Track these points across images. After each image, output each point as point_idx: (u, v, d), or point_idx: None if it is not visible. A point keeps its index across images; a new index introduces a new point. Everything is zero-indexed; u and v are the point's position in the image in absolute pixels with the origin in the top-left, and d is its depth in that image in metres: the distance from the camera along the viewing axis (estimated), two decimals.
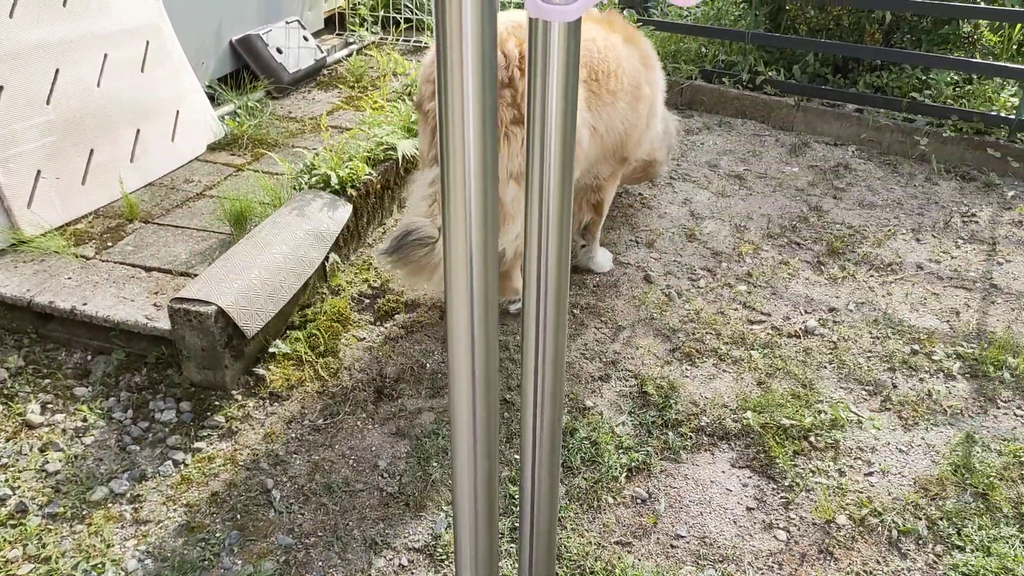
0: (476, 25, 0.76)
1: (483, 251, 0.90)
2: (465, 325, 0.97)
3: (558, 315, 1.09)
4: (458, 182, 0.85)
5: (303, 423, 3.04)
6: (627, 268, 4.05)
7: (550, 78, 0.92)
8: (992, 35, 5.93)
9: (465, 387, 1.02)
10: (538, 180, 0.98)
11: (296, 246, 3.41)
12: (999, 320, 3.72)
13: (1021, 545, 2.60)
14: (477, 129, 0.82)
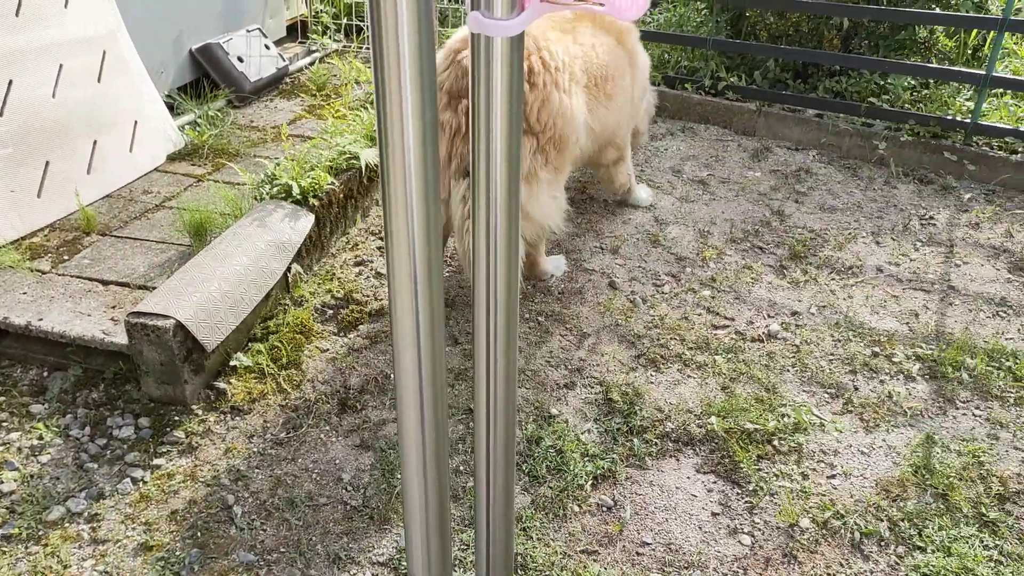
0: (413, 34, 0.75)
1: (427, 264, 0.89)
2: (411, 341, 0.95)
3: (508, 330, 1.08)
4: (399, 197, 0.84)
5: (265, 437, 3.00)
6: (592, 275, 4.05)
7: (494, 95, 0.91)
8: (948, 40, 6.04)
9: (413, 402, 1.01)
10: (484, 197, 0.97)
11: (257, 257, 3.37)
12: (957, 321, 3.78)
13: (981, 545, 2.63)
14: (417, 143, 0.81)
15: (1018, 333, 3.70)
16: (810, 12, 5.69)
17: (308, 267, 3.82)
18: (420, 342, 0.94)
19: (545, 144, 3.43)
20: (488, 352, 1.08)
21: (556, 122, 3.40)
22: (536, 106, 3.33)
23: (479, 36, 0.88)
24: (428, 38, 0.75)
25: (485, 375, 1.10)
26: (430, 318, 0.94)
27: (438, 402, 1.01)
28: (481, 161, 0.96)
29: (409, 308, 0.91)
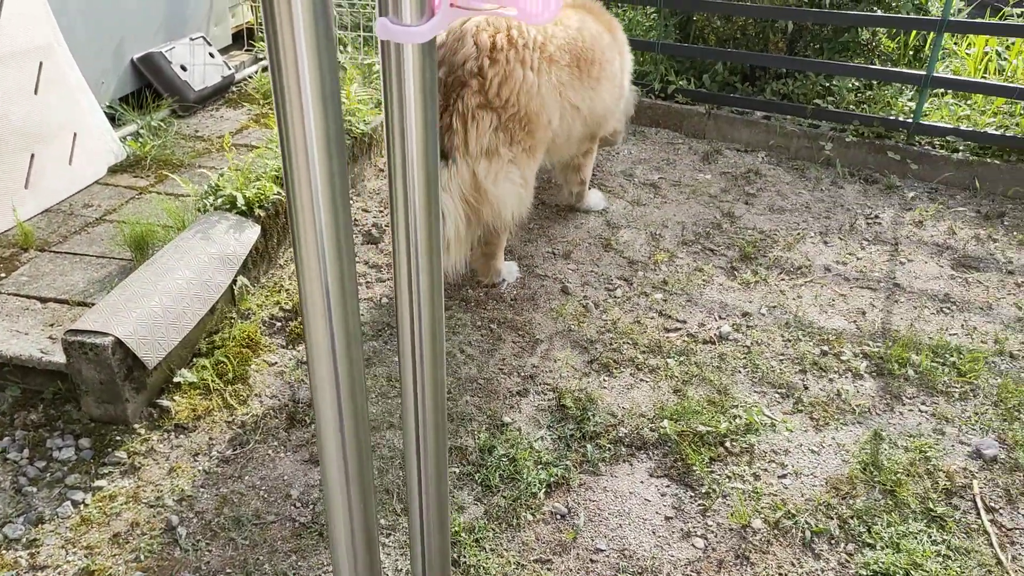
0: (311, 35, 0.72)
1: (339, 274, 0.85)
2: (327, 361, 0.92)
3: (434, 341, 1.05)
4: (306, 212, 0.81)
5: (211, 455, 2.93)
6: (544, 280, 4.04)
7: (407, 104, 0.88)
8: (890, 42, 6.15)
9: (332, 421, 0.98)
10: (403, 208, 0.94)
11: (200, 270, 3.30)
12: (902, 318, 3.83)
13: (929, 540, 2.67)
14: (322, 153, 0.78)
15: (962, 329, 3.77)
16: (755, 16, 5.75)
17: (255, 279, 3.75)
18: (336, 359, 0.91)
19: (508, 121, 3.45)
20: (414, 367, 1.05)
21: (520, 99, 3.42)
22: (496, 81, 3.38)
23: (389, 44, 0.86)
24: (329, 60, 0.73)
25: (412, 390, 1.07)
26: (345, 331, 0.91)
27: (358, 416, 0.98)
28: (397, 170, 0.93)
29: (323, 324, 0.88)
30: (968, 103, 5.67)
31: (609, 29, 4.08)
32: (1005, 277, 4.22)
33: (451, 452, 2.97)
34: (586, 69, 3.76)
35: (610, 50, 3.99)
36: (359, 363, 0.97)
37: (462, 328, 3.65)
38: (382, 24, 0.85)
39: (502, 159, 3.49)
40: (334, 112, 0.77)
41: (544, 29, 3.55)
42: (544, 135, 3.61)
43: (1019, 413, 3.24)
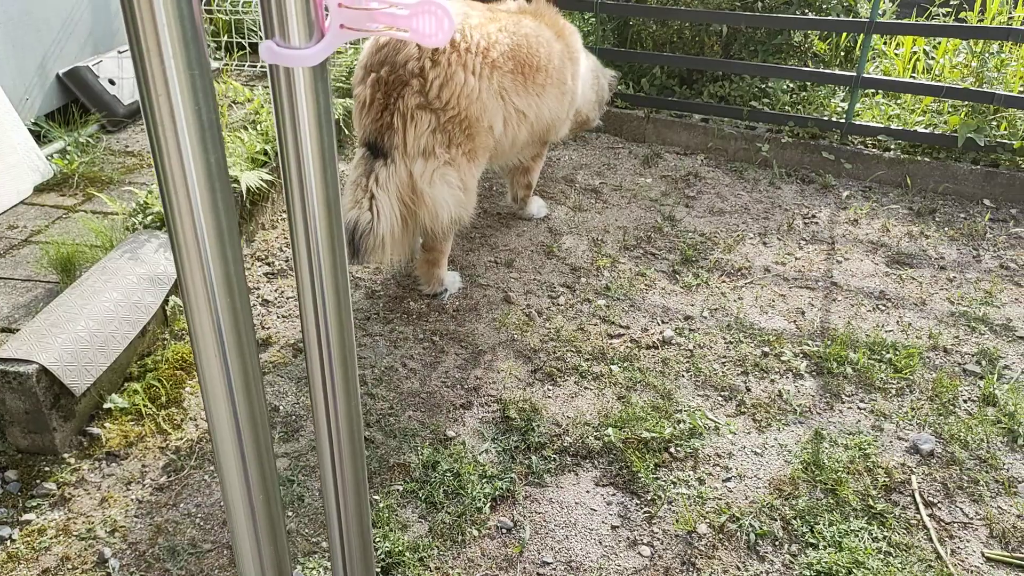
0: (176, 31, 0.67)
1: (227, 283, 0.81)
2: (223, 390, 0.87)
3: (345, 365, 1.01)
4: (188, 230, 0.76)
5: (144, 483, 2.84)
6: (487, 290, 4.01)
7: (301, 130, 0.84)
8: (822, 44, 6.27)
9: (231, 449, 0.93)
10: (303, 230, 0.90)
11: (129, 292, 3.20)
12: (840, 317, 3.89)
13: (870, 537, 2.70)
14: (201, 171, 0.74)
15: (897, 325, 3.84)
16: (690, 20, 5.80)
17: None
18: (234, 399, 0.86)
19: (447, 123, 3.44)
20: (325, 393, 1.01)
21: (460, 101, 3.42)
22: (437, 83, 3.37)
23: (278, 68, 0.82)
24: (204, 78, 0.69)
25: (325, 418, 1.02)
26: (243, 369, 0.87)
27: (262, 455, 0.94)
28: (296, 196, 0.89)
29: (212, 341, 0.84)
30: (898, 102, 5.80)
31: (560, 35, 4.08)
32: (937, 273, 4.32)
33: (394, 469, 2.92)
34: (531, 76, 3.75)
35: (560, 57, 3.98)
36: (260, 401, 0.93)
37: (404, 341, 3.60)
38: (267, 48, 0.81)
39: (439, 160, 3.47)
40: (214, 143, 0.73)
41: (488, 35, 3.53)
42: (485, 140, 3.59)
43: (954, 407, 3.31)
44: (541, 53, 3.80)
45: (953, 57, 5.86)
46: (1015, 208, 5.06)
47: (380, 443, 3.03)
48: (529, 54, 3.72)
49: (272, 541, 0.97)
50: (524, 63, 3.69)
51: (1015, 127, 5.35)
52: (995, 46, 5.63)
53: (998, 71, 5.48)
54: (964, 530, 2.77)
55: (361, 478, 1.10)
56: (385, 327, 3.68)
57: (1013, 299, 4.10)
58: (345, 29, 0.81)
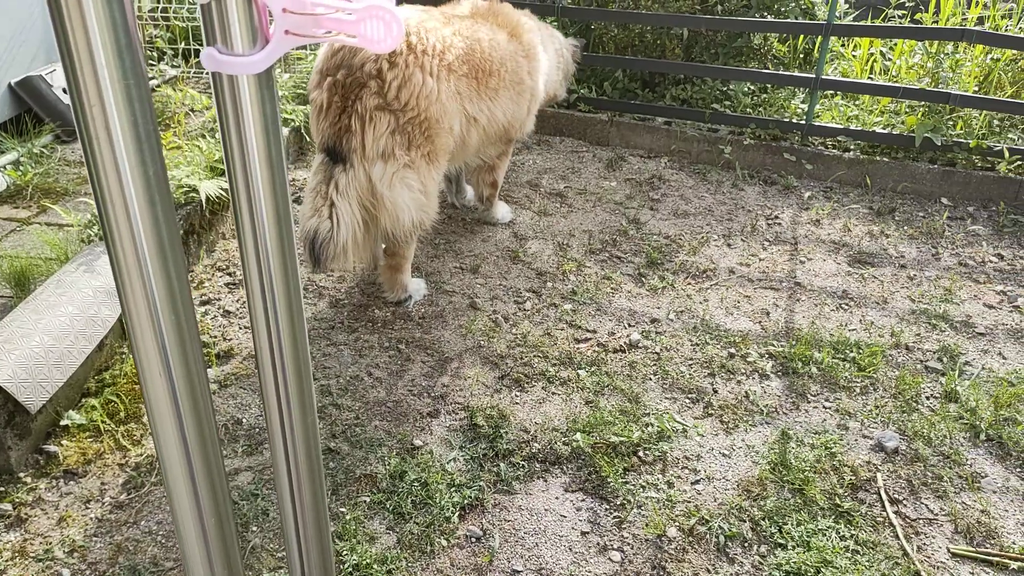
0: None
1: (169, 299, 0.77)
2: (169, 414, 0.84)
3: (300, 381, 0.98)
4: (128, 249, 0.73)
5: (103, 501, 2.77)
6: (452, 296, 3.98)
7: (247, 139, 0.81)
8: (781, 46, 6.33)
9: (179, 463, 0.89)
10: (252, 241, 0.87)
11: (85, 305, 3.12)
12: (804, 317, 3.92)
13: (837, 536, 2.71)
14: (143, 204, 0.71)
15: (860, 324, 3.88)
16: (650, 23, 5.83)
17: None
18: (182, 418, 0.83)
19: (406, 124, 3.42)
20: (280, 410, 0.98)
21: (419, 102, 3.41)
22: (396, 84, 3.36)
23: (221, 76, 0.79)
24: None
25: (281, 434, 0.99)
26: (189, 387, 0.83)
27: (214, 478, 0.91)
28: (244, 208, 0.86)
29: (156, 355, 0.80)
30: (856, 103, 5.88)
31: (515, 35, 4.06)
32: (898, 271, 4.37)
33: (360, 480, 2.88)
34: (484, 80, 3.74)
35: (513, 58, 3.96)
36: (210, 421, 0.90)
37: (369, 350, 3.55)
38: (209, 55, 0.78)
39: (398, 162, 3.45)
40: (152, 156, 0.70)
41: (443, 38, 3.52)
42: (445, 142, 3.58)
43: (917, 404, 3.34)
44: (494, 57, 3.80)
45: (909, 58, 5.95)
46: (972, 206, 5.14)
47: (346, 454, 2.99)
48: (483, 59, 3.72)
49: (226, 566, 0.94)
50: (478, 67, 3.69)
51: (971, 126, 5.45)
52: (950, 47, 5.73)
53: (953, 71, 5.58)
54: (930, 526, 2.79)
55: (320, 495, 1.07)
56: (350, 336, 3.64)
57: (972, 296, 4.17)
58: (290, 35, 0.79)
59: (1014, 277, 4.37)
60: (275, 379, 0.95)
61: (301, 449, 0.99)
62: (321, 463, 1.04)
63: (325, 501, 1.09)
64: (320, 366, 3.44)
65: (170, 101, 5.24)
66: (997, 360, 3.67)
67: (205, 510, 0.90)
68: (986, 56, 5.80)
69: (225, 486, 0.94)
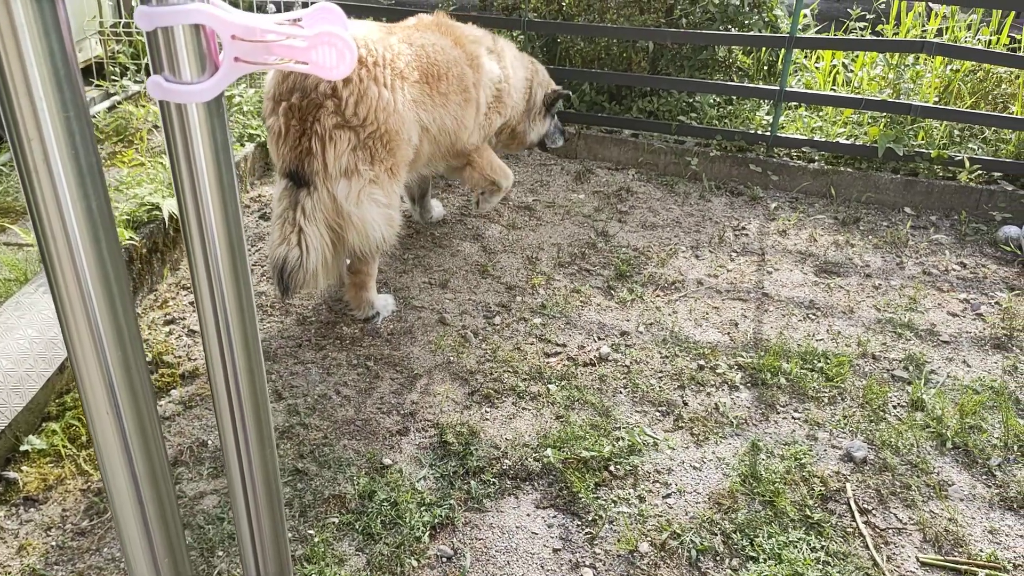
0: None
1: (112, 318, 0.74)
2: (115, 439, 0.81)
3: (255, 399, 0.95)
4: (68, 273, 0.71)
5: (65, 528, 2.70)
6: (421, 312, 3.95)
7: (197, 167, 0.79)
8: (746, 58, 6.40)
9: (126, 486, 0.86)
10: (203, 262, 0.85)
11: (45, 327, 3.05)
12: (772, 327, 3.94)
13: (808, 547, 2.72)
14: (86, 236, 0.68)
15: (827, 334, 3.91)
16: (616, 37, 5.87)
17: None
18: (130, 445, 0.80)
19: (367, 139, 3.40)
20: (235, 430, 0.95)
21: (378, 116, 3.38)
22: (352, 100, 3.33)
23: (169, 104, 0.77)
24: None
25: (236, 454, 0.97)
26: (127, 379, 0.80)
27: (154, 461, 0.88)
28: (195, 236, 0.84)
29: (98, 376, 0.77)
30: (820, 115, 5.95)
31: (458, 43, 4.03)
32: (864, 280, 4.42)
33: (329, 501, 2.84)
34: (435, 85, 3.73)
35: (457, 64, 3.91)
36: (160, 456, 0.87)
37: (337, 368, 3.52)
38: (155, 83, 0.76)
39: (363, 179, 3.44)
40: (95, 188, 0.68)
41: (391, 47, 3.52)
42: (405, 153, 3.57)
43: (884, 413, 3.37)
44: (440, 61, 3.78)
45: (871, 70, 6.04)
46: (934, 215, 5.22)
47: (314, 474, 2.95)
48: (431, 63, 3.71)
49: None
50: (427, 72, 3.68)
51: (932, 137, 5.54)
52: (910, 58, 5.83)
53: (914, 83, 5.67)
54: (899, 536, 2.81)
55: (278, 519, 1.04)
56: (317, 354, 3.60)
57: (936, 304, 4.22)
58: (240, 62, 0.77)
59: (976, 285, 4.44)
60: (230, 401, 0.92)
61: (258, 471, 0.96)
62: (279, 486, 1.02)
63: (284, 525, 1.06)
64: (287, 385, 3.39)
65: (132, 117, 5.17)
66: (961, 368, 3.72)
67: (158, 546, 0.87)
68: (946, 67, 5.91)
69: (178, 521, 0.91)
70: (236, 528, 1.04)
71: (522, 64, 4.57)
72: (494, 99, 4.28)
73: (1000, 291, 4.38)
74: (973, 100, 5.88)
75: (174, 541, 0.89)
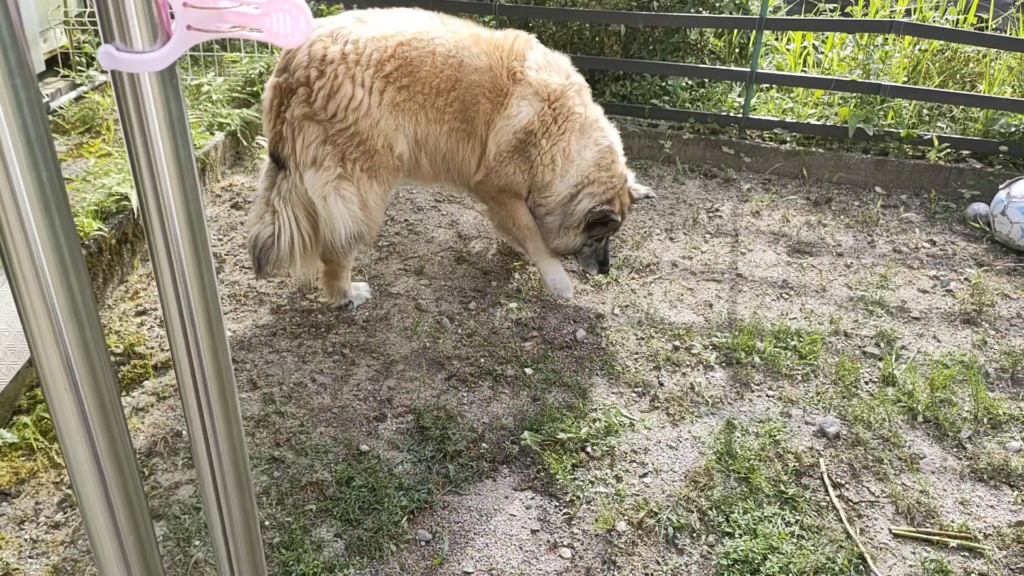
0: None
1: (72, 319, 0.73)
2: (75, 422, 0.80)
3: (223, 395, 0.95)
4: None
5: (38, 521, 2.67)
6: (397, 299, 3.94)
7: (153, 141, 0.78)
8: (718, 41, 6.41)
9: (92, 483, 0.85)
10: (165, 252, 0.84)
11: (13, 319, 3.01)
12: (746, 307, 3.97)
13: (783, 522, 2.75)
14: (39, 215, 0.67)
15: (800, 312, 3.95)
16: (588, 21, 5.86)
17: None
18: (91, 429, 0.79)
19: (335, 136, 3.34)
20: (204, 426, 0.95)
21: (347, 115, 3.32)
22: (323, 94, 3.29)
23: (121, 75, 0.76)
24: None
25: (205, 450, 0.96)
26: (99, 401, 0.79)
27: (121, 459, 0.87)
28: (153, 213, 0.83)
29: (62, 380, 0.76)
30: (791, 96, 5.98)
31: (495, 69, 3.56)
32: (835, 259, 4.46)
33: (306, 488, 2.83)
34: (432, 98, 3.47)
35: (471, 89, 3.53)
36: (124, 439, 0.86)
37: (313, 356, 3.50)
38: (106, 53, 0.74)
39: (330, 173, 3.38)
40: (46, 160, 0.66)
41: (384, 48, 3.35)
42: (385, 159, 3.47)
43: (856, 389, 3.41)
44: (444, 75, 3.46)
45: (841, 51, 6.08)
46: (904, 194, 5.27)
47: (291, 462, 2.93)
48: (431, 73, 3.43)
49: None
50: (425, 83, 3.43)
51: (901, 116, 5.59)
52: (880, 39, 5.87)
53: (883, 63, 5.71)
54: (872, 509, 2.85)
55: (249, 507, 1.03)
56: (293, 342, 3.58)
57: (906, 281, 4.27)
58: (193, 30, 0.76)
59: (946, 262, 4.49)
60: (195, 389, 0.91)
61: (227, 460, 0.95)
62: (249, 473, 1.01)
63: (255, 512, 1.06)
64: (263, 374, 3.37)
65: (99, 107, 5.09)
66: (932, 343, 3.77)
67: (124, 531, 0.86)
68: (914, 47, 5.96)
69: (143, 504, 0.90)
70: (207, 519, 1.03)
71: (589, 153, 3.76)
72: (514, 149, 3.66)
73: (969, 267, 4.44)
74: (941, 79, 5.94)
75: (139, 522, 0.89)
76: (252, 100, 5.46)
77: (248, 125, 5.21)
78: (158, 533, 2.64)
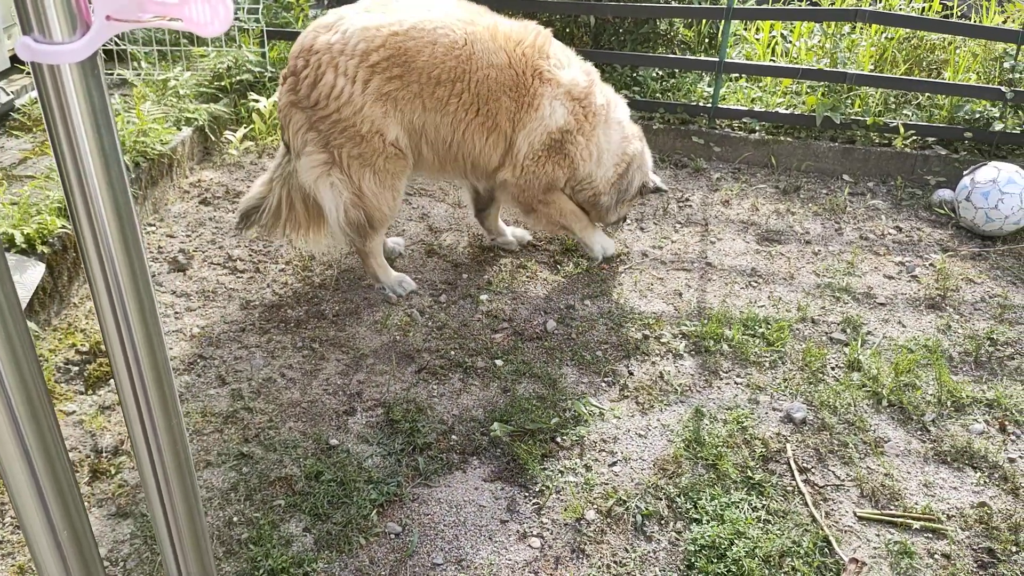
0: None
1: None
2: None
3: (164, 401, 0.94)
4: None
5: (3, 522, 2.65)
6: (368, 292, 3.93)
7: (76, 132, 0.77)
8: (687, 31, 6.43)
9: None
10: (94, 245, 0.83)
11: None
12: (715, 296, 4.00)
13: (749, 507, 2.78)
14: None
15: (768, 300, 3.98)
16: (557, 12, 5.85)
17: (45, 322, 3.43)
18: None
19: (318, 123, 3.42)
20: (143, 425, 0.94)
21: (328, 103, 3.38)
22: (306, 83, 3.38)
23: (42, 66, 0.75)
24: None
25: (146, 449, 0.95)
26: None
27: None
28: (79, 204, 0.82)
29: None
30: (760, 86, 6.02)
31: (517, 66, 3.60)
32: (804, 247, 4.50)
33: (275, 484, 2.82)
34: (430, 89, 3.46)
35: (485, 83, 3.55)
36: (48, 416, 0.85)
37: (282, 351, 3.48)
38: (24, 44, 0.74)
39: (316, 159, 3.49)
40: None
41: (371, 38, 3.34)
42: (376, 146, 3.49)
43: (823, 375, 3.45)
44: (447, 65, 3.44)
45: (808, 40, 6.12)
46: (871, 181, 5.32)
47: (260, 458, 2.92)
48: (430, 63, 3.41)
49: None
50: (422, 72, 3.41)
51: (868, 104, 5.64)
52: (846, 27, 5.91)
53: (850, 51, 5.76)
54: (837, 492, 2.89)
55: (195, 506, 1.03)
56: (262, 337, 3.56)
57: (872, 268, 4.32)
58: (113, 20, 0.75)
59: (911, 248, 4.55)
60: (132, 387, 0.91)
61: (169, 459, 0.95)
62: (193, 472, 1.01)
63: (201, 512, 1.05)
64: (231, 370, 3.35)
65: None
66: (897, 328, 3.81)
67: (55, 517, 0.85)
68: (881, 35, 6.01)
69: (80, 508, 0.89)
70: (150, 513, 1.03)
71: (621, 136, 4.02)
72: (550, 148, 3.76)
73: (934, 253, 4.49)
74: (907, 67, 6.00)
75: (73, 515, 0.88)
76: (220, 95, 5.41)
77: (216, 120, 5.17)
78: (125, 532, 2.63)
